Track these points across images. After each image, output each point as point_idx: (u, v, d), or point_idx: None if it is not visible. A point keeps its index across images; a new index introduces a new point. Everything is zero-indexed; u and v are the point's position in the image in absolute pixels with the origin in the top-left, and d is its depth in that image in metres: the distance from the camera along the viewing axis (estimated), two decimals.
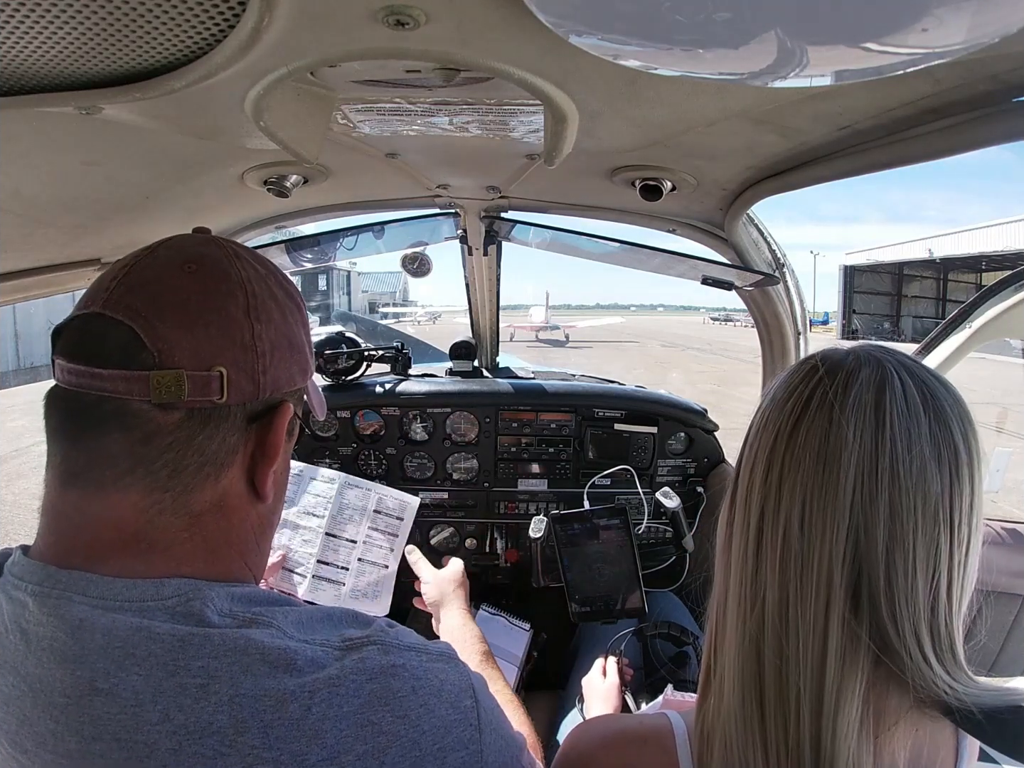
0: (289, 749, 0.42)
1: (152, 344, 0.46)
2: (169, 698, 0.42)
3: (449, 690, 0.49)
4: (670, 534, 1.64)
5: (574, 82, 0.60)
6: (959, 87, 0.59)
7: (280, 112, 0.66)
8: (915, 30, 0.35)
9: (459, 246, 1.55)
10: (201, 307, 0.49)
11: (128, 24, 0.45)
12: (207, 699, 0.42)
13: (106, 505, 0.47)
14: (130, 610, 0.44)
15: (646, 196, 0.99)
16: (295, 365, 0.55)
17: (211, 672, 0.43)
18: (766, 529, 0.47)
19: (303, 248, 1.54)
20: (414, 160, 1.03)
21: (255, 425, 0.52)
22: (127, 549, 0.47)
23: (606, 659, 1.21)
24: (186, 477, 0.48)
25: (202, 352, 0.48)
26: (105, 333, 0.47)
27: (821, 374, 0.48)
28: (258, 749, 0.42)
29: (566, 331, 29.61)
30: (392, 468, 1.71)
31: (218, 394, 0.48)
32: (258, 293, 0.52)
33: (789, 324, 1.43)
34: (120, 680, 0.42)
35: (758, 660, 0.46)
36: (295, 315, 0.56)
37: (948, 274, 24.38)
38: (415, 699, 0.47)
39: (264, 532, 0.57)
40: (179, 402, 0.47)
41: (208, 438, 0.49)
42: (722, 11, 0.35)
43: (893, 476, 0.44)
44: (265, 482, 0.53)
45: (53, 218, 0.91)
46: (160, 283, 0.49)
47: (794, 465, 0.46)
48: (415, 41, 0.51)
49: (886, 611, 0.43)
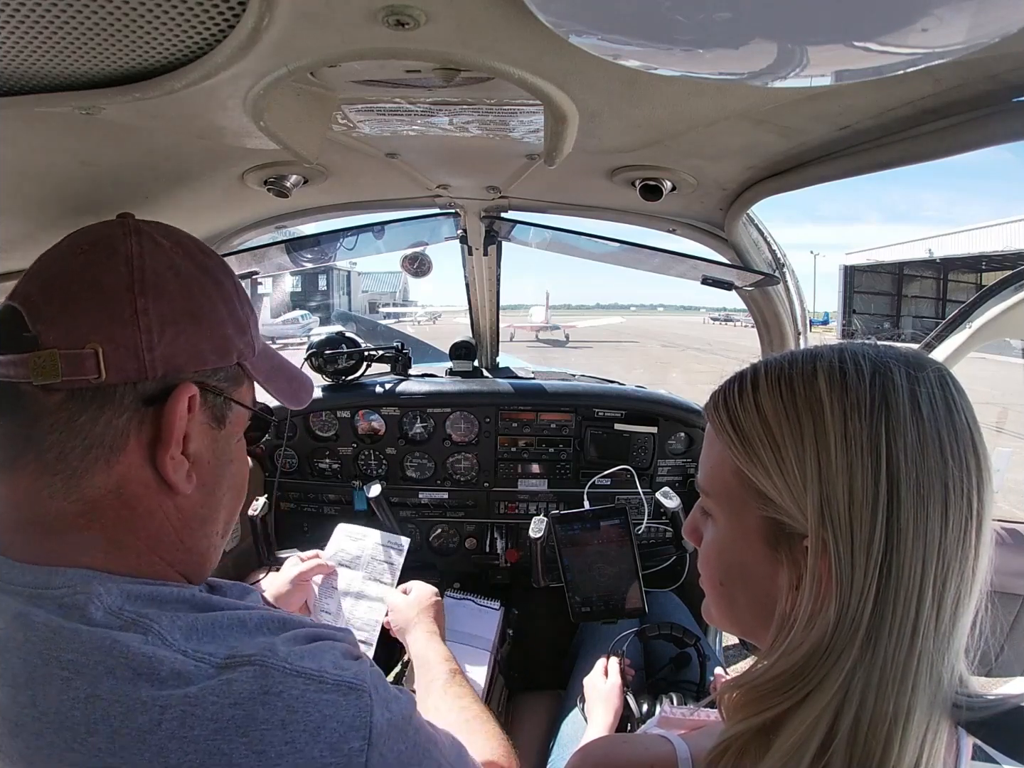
0: (132, 760, 0.41)
1: (33, 326, 0.47)
2: (38, 685, 0.43)
3: (333, 728, 0.44)
4: (670, 534, 1.64)
5: (574, 82, 0.60)
6: (959, 87, 0.59)
7: (280, 112, 0.65)
8: (915, 30, 0.35)
9: (459, 246, 1.55)
10: (79, 285, 0.48)
11: (128, 24, 0.45)
12: (67, 692, 0.42)
13: (7, 487, 0.48)
14: (21, 595, 0.45)
15: (646, 196, 0.99)
16: (204, 342, 0.52)
17: (77, 667, 0.42)
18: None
19: (303, 248, 1.54)
20: (414, 160, 1.03)
21: (151, 407, 0.49)
22: (25, 532, 0.47)
23: (607, 659, 1.21)
24: (73, 460, 0.47)
25: (77, 330, 0.47)
26: (3, 320, 0.48)
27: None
28: (103, 754, 0.41)
29: (566, 331, 29.60)
30: (392, 468, 1.71)
31: (94, 373, 0.46)
32: (148, 267, 0.50)
33: (789, 324, 1.43)
34: (4, 661, 0.43)
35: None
36: (209, 290, 0.53)
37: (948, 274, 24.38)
38: (281, 734, 0.42)
39: (189, 527, 0.53)
40: (57, 382, 0.46)
41: (92, 419, 0.47)
42: (722, 11, 0.35)
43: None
44: (166, 469, 0.49)
45: (53, 218, 0.91)
46: (51, 267, 0.50)
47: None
48: (415, 41, 0.51)
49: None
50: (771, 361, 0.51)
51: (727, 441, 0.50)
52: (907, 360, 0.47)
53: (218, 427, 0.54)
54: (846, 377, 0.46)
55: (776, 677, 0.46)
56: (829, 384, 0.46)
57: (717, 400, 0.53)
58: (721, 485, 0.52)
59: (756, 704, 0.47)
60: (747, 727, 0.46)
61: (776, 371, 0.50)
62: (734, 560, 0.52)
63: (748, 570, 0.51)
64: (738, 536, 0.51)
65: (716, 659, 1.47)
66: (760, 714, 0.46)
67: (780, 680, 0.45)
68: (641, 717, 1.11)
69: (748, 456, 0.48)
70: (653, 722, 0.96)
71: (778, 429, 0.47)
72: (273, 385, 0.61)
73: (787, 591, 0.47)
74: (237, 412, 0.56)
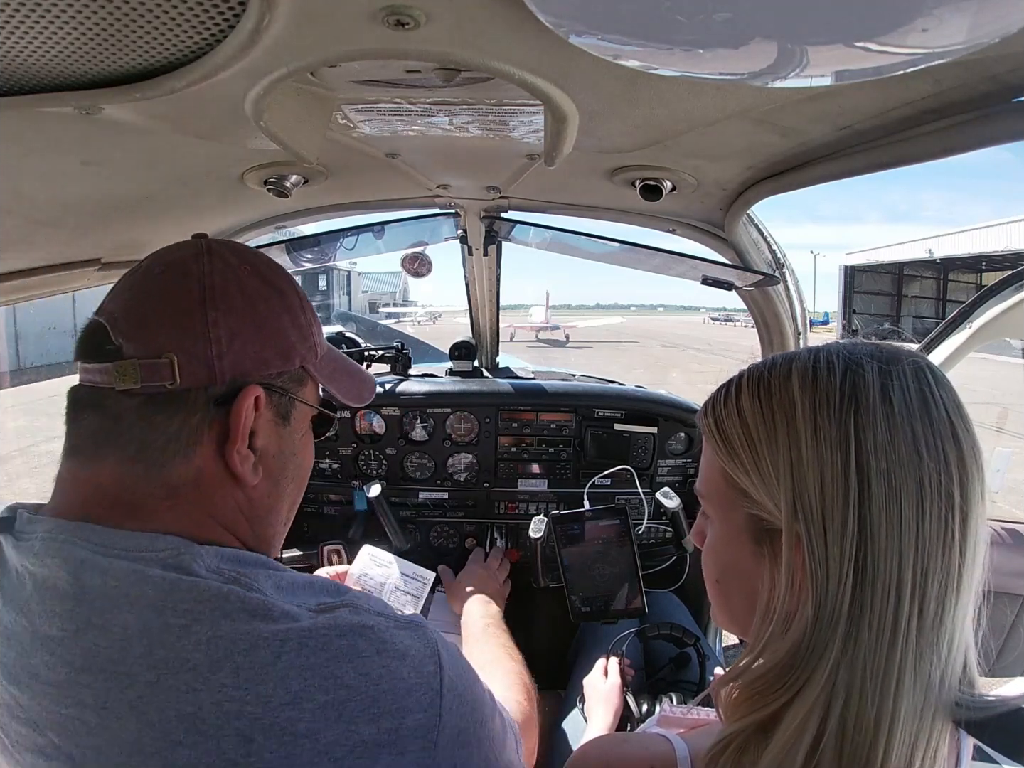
0: (256, 691, 0.45)
1: (116, 339, 0.53)
2: (154, 635, 0.46)
3: (414, 655, 0.52)
4: (670, 534, 1.64)
5: (574, 82, 0.60)
6: (959, 87, 0.59)
7: (280, 112, 0.66)
8: (915, 30, 0.35)
9: (459, 246, 1.55)
10: (156, 302, 0.55)
11: (128, 24, 0.45)
12: (188, 638, 0.46)
13: (90, 471, 0.54)
14: (126, 557, 0.49)
15: (646, 196, 0.99)
16: (268, 349, 0.58)
17: (195, 614, 0.47)
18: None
19: (303, 248, 1.54)
20: (414, 160, 1.03)
21: (221, 408, 0.55)
22: (116, 509, 0.52)
23: (607, 660, 1.21)
24: (153, 452, 0.53)
25: (154, 342, 0.53)
26: (91, 333, 0.55)
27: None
28: (227, 688, 0.45)
29: (566, 331, 29.61)
30: (392, 468, 1.71)
31: (169, 379, 0.52)
32: (218, 284, 0.56)
33: (789, 324, 1.43)
34: (113, 617, 0.47)
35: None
36: (273, 302, 0.59)
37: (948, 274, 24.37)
38: (378, 660, 0.50)
39: (257, 515, 0.60)
40: (137, 387, 0.52)
41: (168, 419, 0.53)
42: (722, 11, 0.35)
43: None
44: (234, 462, 0.55)
45: (53, 218, 0.91)
46: (132, 288, 0.57)
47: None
48: (415, 41, 0.51)
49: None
50: (754, 367, 0.54)
51: (714, 445, 0.53)
52: (880, 355, 0.47)
53: (283, 423, 0.61)
54: (818, 375, 0.47)
55: (766, 673, 0.46)
56: (802, 384, 0.48)
57: (707, 407, 0.55)
58: (713, 487, 0.54)
59: (752, 701, 0.47)
60: (745, 725, 0.47)
61: (756, 376, 0.52)
62: (727, 559, 0.54)
63: (739, 568, 0.52)
64: (729, 535, 0.53)
65: (716, 659, 1.47)
66: (757, 711, 0.46)
67: (771, 676, 0.46)
68: (641, 717, 1.11)
69: (730, 456, 0.51)
70: (652, 721, 0.96)
71: (755, 429, 0.49)
72: (335, 385, 0.67)
73: (769, 586, 0.48)
74: (301, 409, 0.63)
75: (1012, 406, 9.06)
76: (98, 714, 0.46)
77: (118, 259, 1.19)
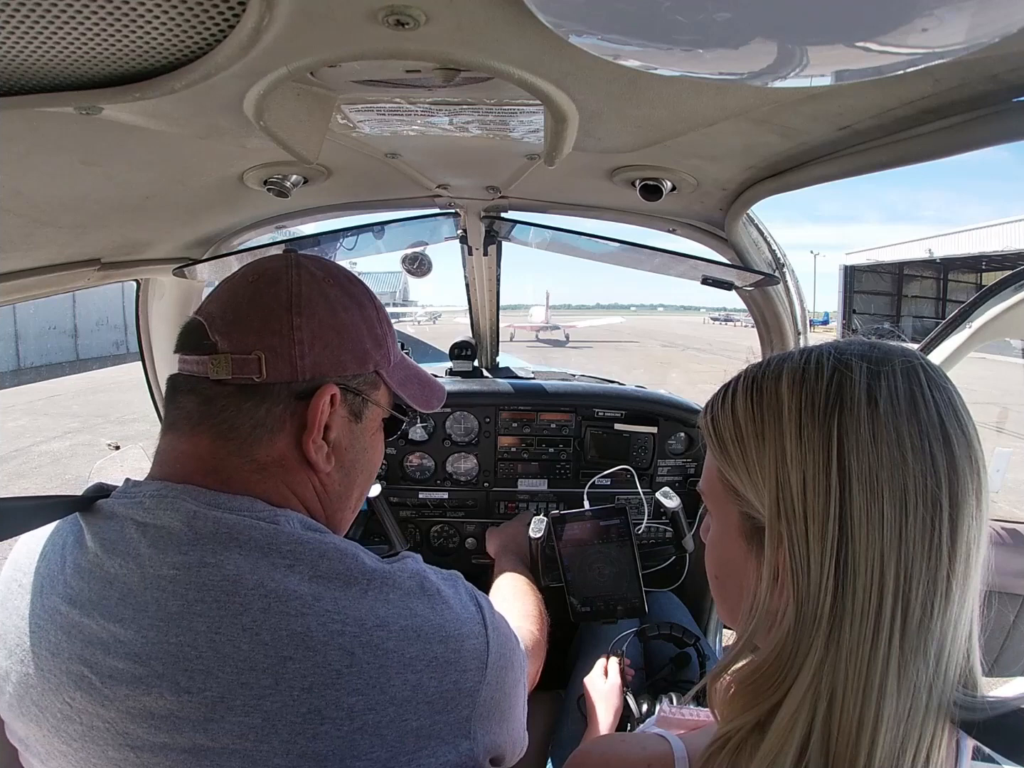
0: (352, 617, 0.54)
1: (212, 336, 0.61)
2: (263, 571, 0.53)
3: (460, 596, 0.63)
4: (670, 534, 1.64)
5: (574, 82, 0.60)
6: (959, 87, 0.59)
7: (280, 112, 0.66)
8: (915, 30, 0.35)
9: (459, 246, 1.55)
10: (248, 306, 0.63)
11: (128, 24, 0.45)
12: (293, 575, 0.54)
13: (189, 444, 0.61)
14: (232, 512, 0.57)
15: (646, 196, 0.99)
16: (346, 353, 0.65)
17: (297, 555, 0.55)
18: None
19: (303, 248, 1.54)
20: (414, 160, 1.03)
21: (301, 401, 0.62)
22: (210, 477, 0.60)
23: (607, 660, 1.21)
24: (243, 432, 0.60)
25: (245, 340, 0.60)
26: (192, 330, 0.64)
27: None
28: (330, 612, 0.53)
29: (566, 331, 29.61)
30: (392, 468, 1.71)
31: (257, 373, 0.60)
32: (304, 293, 0.63)
33: (789, 324, 1.43)
34: (225, 557, 0.54)
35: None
36: (352, 312, 0.66)
37: (948, 274, 24.37)
38: (439, 598, 0.60)
39: (330, 500, 0.67)
40: (229, 378, 0.60)
41: (255, 406, 0.61)
42: (722, 11, 0.35)
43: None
44: (309, 450, 0.62)
45: (53, 218, 0.91)
46: (228, 292, 0.65)
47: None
48: (415, 41, 0.51)
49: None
50: (752, 367, 0.54)
51: (711, 445, 0.54)
52: (871, 356, 0.47)
53: (356, 420, 0.68)
54: (806, 376, 0.48)
55: (756, 671, 0.47)
56: (791, 384, 0.48)
57: (706, 409, 0.57)
58: (710, 486, 0.56)
59: (745, 700, 0.47)
60: (741, 723, 0.47)
61: (751, 376, 0.53)
62: (724, 556, 0.55)
63: (734, 565, 0.53)
64: (724, 532, 0.54)
65: (716, 659, 1.47)
66: (751, 710, 0.46)
67: (761, 674, 0.46)
68: (641, 717, 1.11)
69: (723, 454, 0.52)
70: (652, 721, 0.96)
71: (745, 428, 0.50)
72: (405, 391, 0.73)
73: (755, 582, 0.49)
74: (373, 410, 0.70)
75: (1012, 406, 9.06)
76: (210, 639, 0.51)
77: (118, 259, 1.19)
